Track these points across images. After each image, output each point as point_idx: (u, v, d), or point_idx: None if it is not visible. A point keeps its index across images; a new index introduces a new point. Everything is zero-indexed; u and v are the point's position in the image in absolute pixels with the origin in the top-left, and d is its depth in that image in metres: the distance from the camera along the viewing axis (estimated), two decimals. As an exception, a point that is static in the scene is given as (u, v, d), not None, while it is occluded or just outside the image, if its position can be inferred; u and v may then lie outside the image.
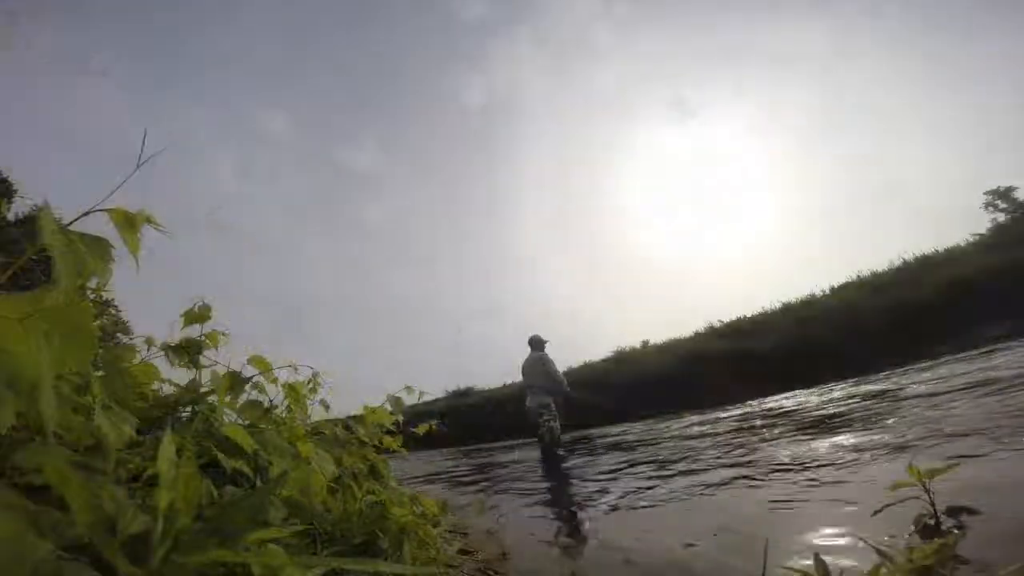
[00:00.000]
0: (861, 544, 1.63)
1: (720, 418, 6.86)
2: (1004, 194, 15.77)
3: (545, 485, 4.43)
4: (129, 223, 0.67)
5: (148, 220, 0.71)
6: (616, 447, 6.16)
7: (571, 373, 15.49)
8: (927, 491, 1.68)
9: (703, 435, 5.66)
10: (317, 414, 1.53)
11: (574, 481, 4.27)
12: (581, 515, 3.00)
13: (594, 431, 9.04)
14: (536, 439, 6.47)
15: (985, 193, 16.30)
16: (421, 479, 6.47)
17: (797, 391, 8.21)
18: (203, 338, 1.34)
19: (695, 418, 7.60)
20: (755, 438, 4.53)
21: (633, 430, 8.01)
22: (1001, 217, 15.11)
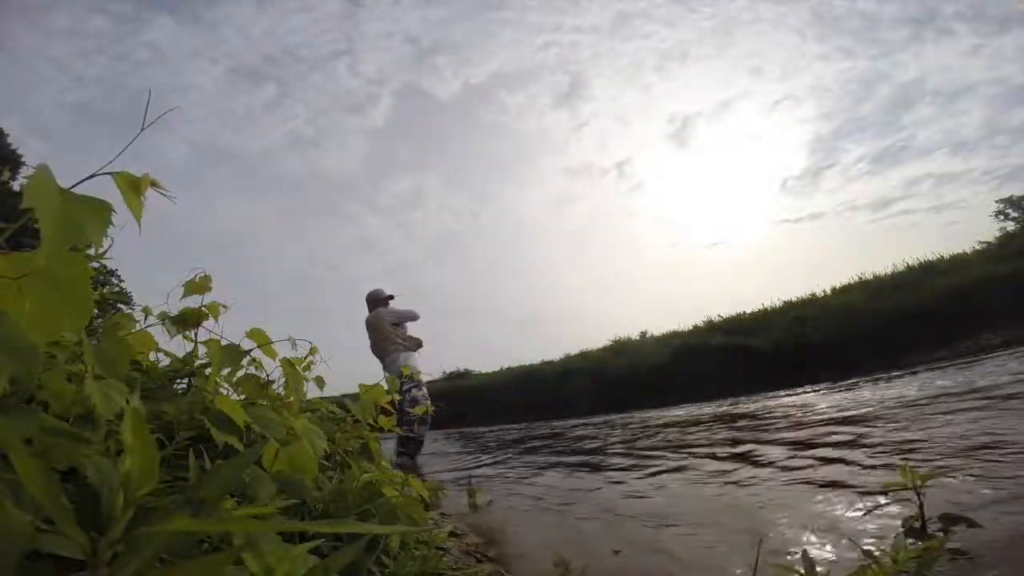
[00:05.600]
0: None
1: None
2: (1016, 203, 15.61)
3: (535, 470, 4.50)
4: (133, 187, 0.66)
5: (153, 184, 0.70)
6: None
7: (568, 360, 15.67)
8: (917, 495, 1.69)
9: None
10: (312, 393, 1.53)
11: (562, 465, 4.35)
12: (569, 498, 3.04)
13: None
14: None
15: (997, 201, 16.14)
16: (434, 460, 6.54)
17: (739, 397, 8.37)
18: (203, 308, 1.34)
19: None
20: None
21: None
22: (1011, 226, 14.98)
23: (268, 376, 1.36)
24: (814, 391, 7.40)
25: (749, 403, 7.44)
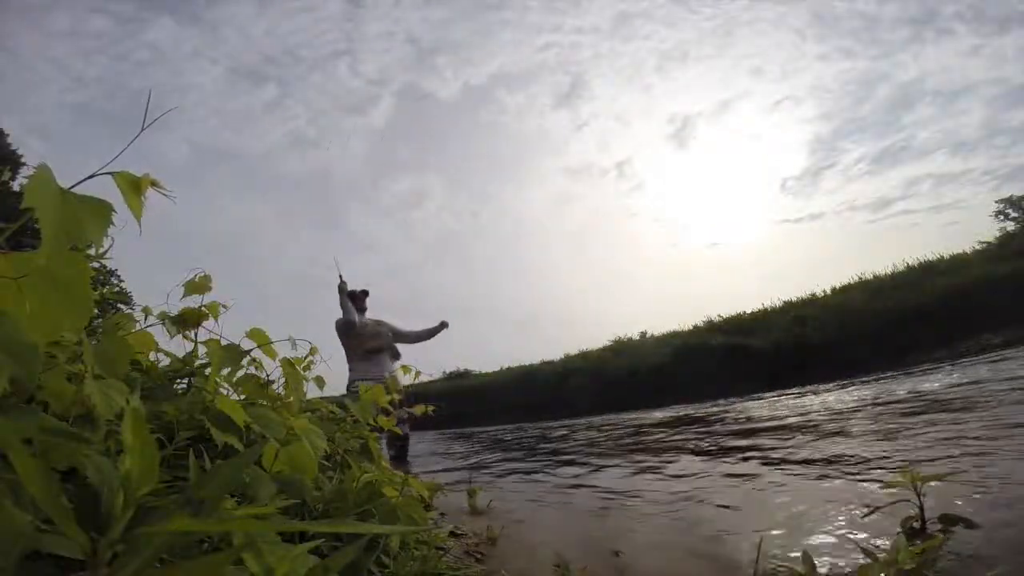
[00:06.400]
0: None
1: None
2: (1016, 203, 15.61)
3: (532, 467, 4.53)
4: (133, 186, 0.66)
5: (153, 183, 0.70)
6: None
7: (568, 360, 15.68)
8: (917, 495, 1.69)
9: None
10: (312, 393, 1.53)
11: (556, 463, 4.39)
12: (564, 497, 3.07)
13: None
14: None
15: (997, 201, 16.16)
16: (415, 459, 6.59)
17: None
18: (203, 308, 1.33)
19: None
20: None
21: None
22: (1011, 226, 14.97)
23: (268, 376, 1.36)
24: (783, 394, 7.46)
25: (738, 404, 7.49)
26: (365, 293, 4.79)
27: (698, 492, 2.75)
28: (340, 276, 4.65)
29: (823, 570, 1.28)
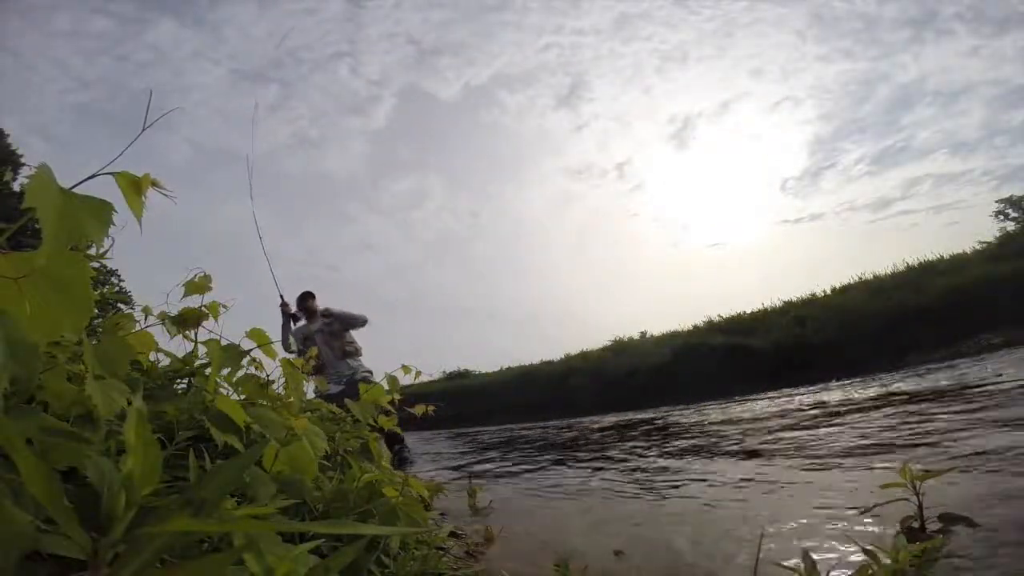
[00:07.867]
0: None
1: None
2: (1016, 203, 15.60)
3: (531, 467, 4.54)
4: (134, 186, 0.66)
5: (154, 183, 0.70)
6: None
7: (568, 360, 15.68)
8: (916, 494, 1.69)
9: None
10: (312, 392, 1.53)
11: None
12: (565, 498, 3.07)
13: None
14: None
15: (997, 201, 16.16)
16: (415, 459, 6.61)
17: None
18: (203, 308, 1.33)
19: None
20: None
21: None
22: (1011, 226, 14.96)
23: (268, 376, 1.36)
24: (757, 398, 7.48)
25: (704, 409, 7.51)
26: (307, 296, 4.45)
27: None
28: (281, 296, 4.34)
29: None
